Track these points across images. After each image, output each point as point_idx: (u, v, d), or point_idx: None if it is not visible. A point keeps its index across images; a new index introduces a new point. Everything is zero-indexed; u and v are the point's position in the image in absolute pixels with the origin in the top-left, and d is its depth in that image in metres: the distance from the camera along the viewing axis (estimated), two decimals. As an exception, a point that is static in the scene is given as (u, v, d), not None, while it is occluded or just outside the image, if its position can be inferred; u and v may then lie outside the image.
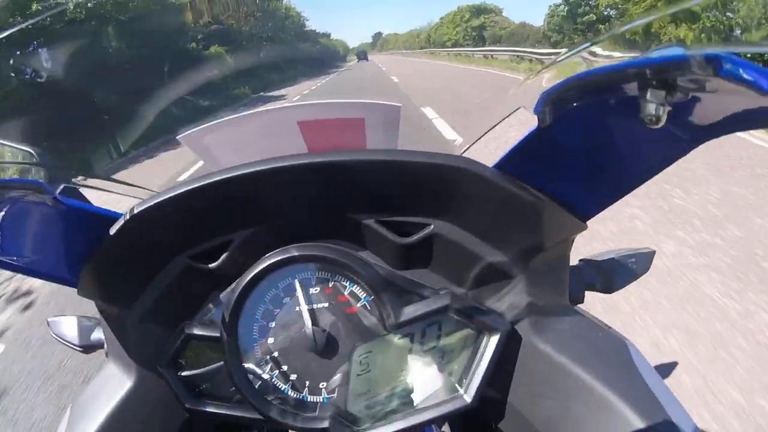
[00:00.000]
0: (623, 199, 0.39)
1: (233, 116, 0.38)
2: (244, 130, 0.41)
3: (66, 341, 0.58)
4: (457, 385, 0.43)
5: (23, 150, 0.45)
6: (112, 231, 0.38)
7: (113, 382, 0.44)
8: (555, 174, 0.36)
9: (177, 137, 0.37)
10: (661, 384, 0.37)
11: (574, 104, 0.28)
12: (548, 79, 0.33)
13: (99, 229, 0.39)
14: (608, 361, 0.38)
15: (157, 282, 0.43)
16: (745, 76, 0.19)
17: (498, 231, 0.40)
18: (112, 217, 0.39)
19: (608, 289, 0.51)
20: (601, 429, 0.35)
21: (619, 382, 0.36)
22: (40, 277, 0.41)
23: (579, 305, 0.47)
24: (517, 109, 0.39)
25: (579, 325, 0.42)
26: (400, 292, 0.41)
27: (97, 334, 0.56)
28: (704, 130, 0.29)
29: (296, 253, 0.41)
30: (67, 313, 0.60)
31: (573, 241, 0.42)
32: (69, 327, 0.58)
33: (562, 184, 0.36)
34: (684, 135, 0.30)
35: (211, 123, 0.39)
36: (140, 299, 0.43)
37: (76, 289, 0.42)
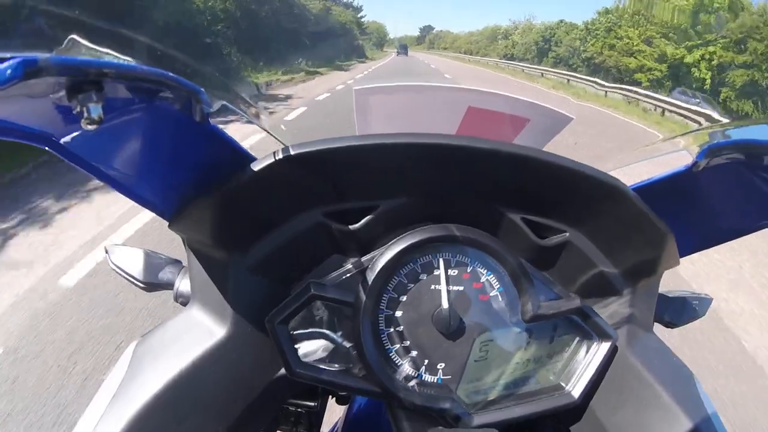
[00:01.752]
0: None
1: (411, 84, 0.39)
2: (411, 99, 0.42)
3: (127, 274, 0.57)
4: (561, 383, 0.47)
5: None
6: (256, 167, 0.38)
7: (197, 330, 0.44)
8: (678, 211, 0.43)
9: (354, 88, 0.37)
10: (717, 415, 0.42)
11: (732, 161, 0.35)
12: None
13: (224, 164, 0.38)
14: (681, 385, 0.44)
15: (281, 232, 0.43)
16: None
17: (621, 249, 0.45)
18: (245, 155, 0.39)
19: (671, 324, 0.58)
20: None
21: (689, 405, 0.42)
22: (130, 197, 0.38)
23: None
24: (680, 151, 0.44)
25: (660, 348, 0.47)
26: (537, 287, 0.45)
27: (166, 275, 0.55)
28: None
29: (456, 233, 0.42)
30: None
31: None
32: (133, 259, 0.58)
33: (679, 222, 0.43)
34: None
35: (386, 85, 0.39)
36: (255, 247, 0.43)
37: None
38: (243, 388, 0.45)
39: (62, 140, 0.30)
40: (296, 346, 0.45)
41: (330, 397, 0.75)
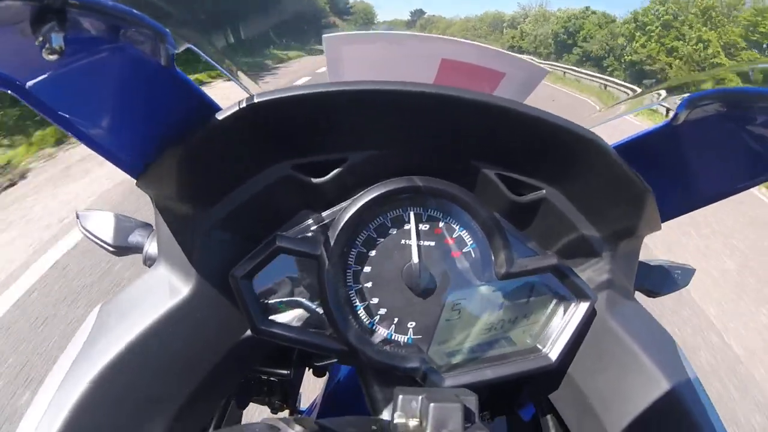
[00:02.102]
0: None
1: (383, 32, 0.38)
2: (384, 49, 0.41)
3: (97, 238, 0.56)
4: (538, 345, 0.46)
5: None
6: (220, 116, 0.37)
7: (162, 289, 0.43)
8: (659, 171, 0.42)
9: (323, 35, 0.36)
10: (699, 381, 0.42)
11: (714, 113, 0.35)
12: None
13: (190, 114, 0.37)
14: (663, 351, 0.44)
15: (249, 186, 0.42)
16: None
17: (600, 209, 0.44)
18: (211, 105, 0.38)
19: (653, 293, 0.57)
20: (649, 408, 0.40)
21: (671, 371, 0.42)
22: (98, 151, 0.36)
23: None
24: (664, 98, 0.43)
25: (641, 313, 0.47)
26: (512, 244, 0.44)
27: (136, 237, 0.55)
28: None
29: (422, 184, 0.41)
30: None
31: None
32: (103, 223, 0.57)
33: (660, 183, 0.42)
34: None
35: (358, 32, 0.38)
36: (222, 201, 0.42)
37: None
38: (208, 349, 0.44)
39: (27, 84, 0.29)
40: (272, 317, 0.44)
41: (307, 369, 0.75)
